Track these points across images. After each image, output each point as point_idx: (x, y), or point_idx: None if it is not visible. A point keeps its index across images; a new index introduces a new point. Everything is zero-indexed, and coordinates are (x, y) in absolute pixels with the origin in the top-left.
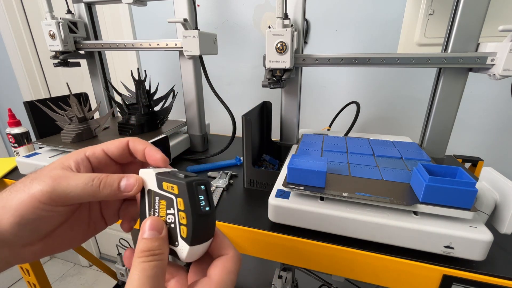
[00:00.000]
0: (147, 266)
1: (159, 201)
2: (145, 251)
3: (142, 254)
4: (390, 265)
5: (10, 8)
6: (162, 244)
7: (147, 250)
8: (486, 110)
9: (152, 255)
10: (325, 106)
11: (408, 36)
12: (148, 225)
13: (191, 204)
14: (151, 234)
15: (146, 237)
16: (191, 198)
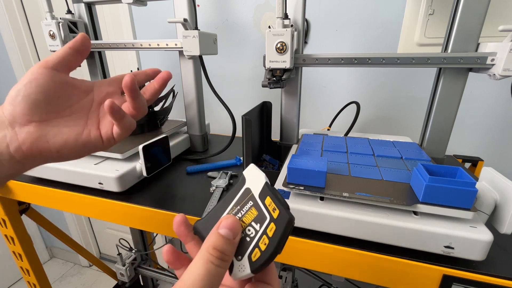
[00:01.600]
0: (214, 270)
1: (251, 208)
2: (218, 251)
3: (214, 252)
4: (390, 265)
5: (10, 8)
6: (232, 251)
7: (220, 251)
8: (486, 110)
9: (222, 259)
10: (325, 106)
11: (408, 36)
12: (229, 223)
13: (279, 240)
14: (227, 233)
15: (223, 234)
16: (284, 235)
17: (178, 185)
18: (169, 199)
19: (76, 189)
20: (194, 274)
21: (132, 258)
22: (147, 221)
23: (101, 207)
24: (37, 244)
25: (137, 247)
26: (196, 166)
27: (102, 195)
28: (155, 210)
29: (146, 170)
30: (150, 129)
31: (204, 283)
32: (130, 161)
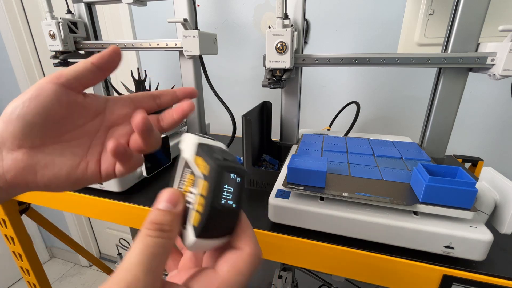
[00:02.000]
0: (152, 242)
1: (188, 175)
2: (155, 223)
3: (150, 226)
4: (390, 265)
5: (10, 8)
6: (173, 221)
7: (157, 223)
8: (486, 110)
9: (160, 230)
10: (325, 106)
11: (408, 36)
12: (166, 196)
13: (212, 193)
14: (165, 206)
15: (160, 207)
16: (215, 186)
17: None
18: None
19: None
20: (132, 258)
21: None
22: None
23: (101, 207)
24: (37, 244)
25: None
26: None
27: (102, 195)
28: None
29: (146, 170)
30: None
31: (143, 256)
32: None
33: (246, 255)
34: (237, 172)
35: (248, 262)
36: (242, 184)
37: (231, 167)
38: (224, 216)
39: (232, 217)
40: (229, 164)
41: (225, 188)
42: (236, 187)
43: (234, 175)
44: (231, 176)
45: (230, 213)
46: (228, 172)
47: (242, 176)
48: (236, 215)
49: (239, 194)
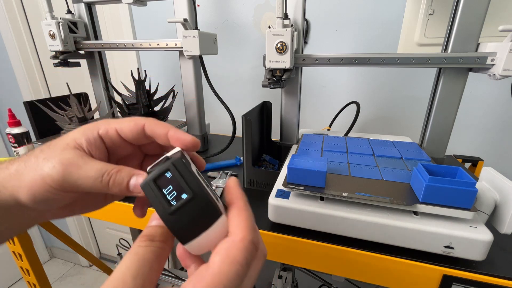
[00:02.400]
0: (141, 250)
1: None
2: (145, 236)
3: (140, 239)
4: (390, 265)
5: (10, 8)
6: (163, 233)
7: (147, 235)
8: (486, 110)
9: (150, 240)
10: (325, 106)
11: (408, 36)
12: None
13: (156, 208)
14: (156, 222)
15: (151, 225)
16: (151, 200)
17: None
18: None
19: None
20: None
21: None
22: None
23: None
24: (37, 244)
25: None
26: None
27: None
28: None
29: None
30: None
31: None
32: None
33: (238, 241)
34: (163, 171)
35: (242, 249)
36: (181, 172)
37: (154, 175)
38: (185, 212)
39: (197, 205)
40: (151, 175)
41: (165, 192)
42: (174, 180)
43: (163, 175)
44: (162, 179)
45: (189, 204)
46: (152, 181)
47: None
48: (201, 200)
49: (186, 182)
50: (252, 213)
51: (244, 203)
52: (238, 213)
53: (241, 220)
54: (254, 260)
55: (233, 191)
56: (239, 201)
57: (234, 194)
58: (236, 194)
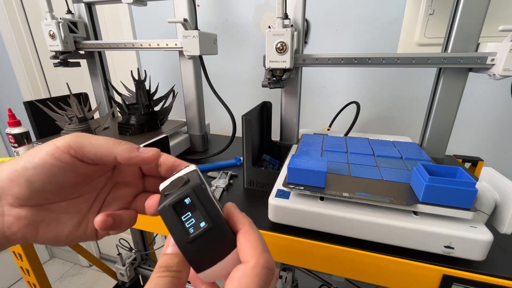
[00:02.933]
0: (161, 281)
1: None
2: (163, 267)
3: (159, 269)
4: (390, 265)
5: (10, 8)
6: (181, 262)
7: (164, 266)
8: (486, 110)
9: (168, 271)
10: (325, 106)
11: (408, 36)
12: (172, 240)
13: (173, 234)
14: (172, 249)
15: (167, 252)
16: (169, 227)
17: None
18: None
19: None
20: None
21: (132, 258)
22: (147, 221)
23: None
24: (37, 244)
25: (137, 247)
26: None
27: None
28: None
29: None
30: (150, 129)
31: None
32: None
33: (250, 268)
34: (183, 196)
35: (255, 276)
36: (200, 198)
37: (172, 201)
38: (203, 241)
39: (215, 234)
40: (170, 200)
41: (183, 219)
42: (193, 208)
43: (182, 201)
44: (180, 205)
45: (210, 234)
46: (171, 207)
47: (188, 194)
48: (219, 230)
49: (205, 211)
50: (260, 234)
51: (250, 226)
52: (246, 239)
53: (251, 245)
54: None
55: (235, 215)
56: (244, 225)
57: (237, 218)
58: (239, 218)
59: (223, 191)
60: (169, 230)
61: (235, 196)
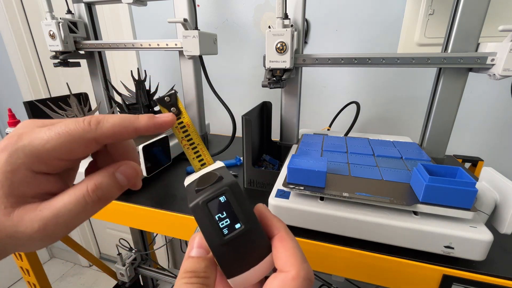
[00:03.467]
0: (183, 285)
1: None
2: (189, 272)
3: (185, 275)
4: (390, 265)
5: (10, 8)
6: (208, 266)
7: (191, 271)
8: (486, 110)
9: (196, 277)
10: (325, 106)
11: (408, 36)
12: (196, 242)
13: (205, 235)
14: (198, 252)
15: (193, 255)
16: (202, 227)
17: (178, 185)
18: (169, 199)
19: None
20: None
21: (132, 258)
22: (147, 221)
23: None
24: None
25: (137, 247)
26: None
27: None
28: (155, 210)
29: (146, 170)
30: None
31: None
32: None
33: (290, 279)
34: (218, 194)
35: (296, 285)
36: (236, 197)
37: (207, 198)
38: (237, 243)
39: (251, 238)
40: (205, 196)
41: (216, 219)
42: (229, 207)
43: (217, 199)
44: (214, 203)
45: (245, 237)
46: (205, 204)
47: (225, 191)
48: (255, 233)
49: (241, 210)
50: (296, 240)
51: (286, 232)
52: (284, 246)
53: (290, 254)
54: None
55: (270, 220)
56: (280, 230)
57: (272, 222)
58: (274, 222)
59: None
60: (202, 230)
61: None
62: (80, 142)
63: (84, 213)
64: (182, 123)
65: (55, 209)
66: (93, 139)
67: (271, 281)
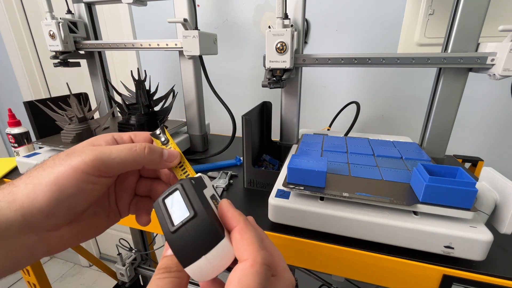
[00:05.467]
0: (161, 282)
1: None
2: (162, 269)
3: (159, 271)
4: (390, 265)
5: (10, 8)
6: (175, 263)
7: (164, 268)
8: (486, 110)
9: (167, 272)
10: (325, 106)
11: (408, 36)
12: None
13: (161, 226)
14: (171, 251)
15: (166, 254)
16: (160, 217)
17: None
18: None
19: None
20: None
21: (132, 258)
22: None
23: None
24: None
25: (137, 247)
26: (196, 166)
27: None
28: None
29: None
30: (150, 129)
31: None
32: None
33: (248, 266)
34: (170, 192)
35: (254, 274)
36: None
37: (163, 195)
38: (189, 231)
39: (198, 225)
40: (162, 195)
41: (169, 211)
42: (180, 200)
43: (170, 195)
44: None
45: (193, 224)
46: (162, 200)
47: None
48: (202, 220)
49: (187, 202)
50: (257, 230)
51: (245, 223)
52: (241, 236)
53: (247, 242)
54: (271, 283)
55: (228, 213)
56: (239, 222)
57: (231, 216)
58: (233, 215)
59: (223, 191)
60: (159, 222)
61: (235, 196)
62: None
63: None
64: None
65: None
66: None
67: (232, 273)
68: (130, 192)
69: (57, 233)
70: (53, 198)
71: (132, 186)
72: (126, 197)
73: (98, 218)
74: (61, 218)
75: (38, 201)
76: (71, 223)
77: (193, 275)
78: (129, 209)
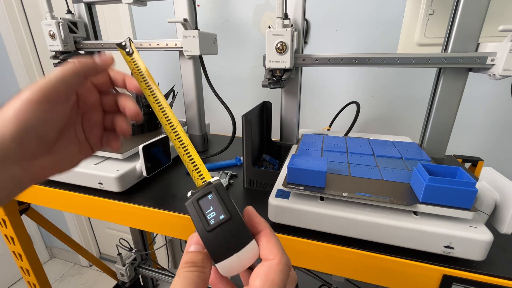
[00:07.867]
0: (189, 274)
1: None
2: (189, 263)
3: (185, 265)
4: (390, 265)
5: (10, 8)
6: (204, 259)
7: (190, 262)
8: (486, 110)
9: (194, 266)
10: (325, 106)
11: (408, 36)
12: (194, 239)
13: (196, 226)
14: (195, 247)
15: (191, 250)
16: (194, 217)
17: (178, 185)
18: (169, 199)
19: (76, 189)
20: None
21: (132, 258)
22: (147, 221)
23: (101, 207)
24: (37, 244)
25: (137, 247)
26: None
27: (102, 195)
28: (155, 210)
29: (146, 170)
30: (150, 129)
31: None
32: (130, 161)
33: (275, 265)
34: (205, 194)
35: (279, 271)
36: (220, 194)
37: (197, 197)
38: (221, 231)
39: (232, 227)
40: (195, 196)
41: (205, 212)
42: (215, 203)
43: (205, 197)
44: (203, 200)
45: (228, 225)
46: (196, 201)
47: (210, 191)
48: (236, 223)
49: (224, 204)
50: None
51: (270, 229)
52: (268, 239)
53: (273, 246)
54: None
55: (256, 219)
56: (265, 228)
57: (258, 221)
58: (260, 221)
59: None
60: (194, 222)
61: (235, 196)
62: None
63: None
64: (138, 66)
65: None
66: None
67: (259, 268)
68: (98, 127)
69: (37, 162)
70: (20, 128)
71: (99, 122)
72: (96, 132)
73: (70, 150)
74: (35, 147)
75: (6, 133)
76: (48, 154)
77: (222, 270)
78: (101, 144)
